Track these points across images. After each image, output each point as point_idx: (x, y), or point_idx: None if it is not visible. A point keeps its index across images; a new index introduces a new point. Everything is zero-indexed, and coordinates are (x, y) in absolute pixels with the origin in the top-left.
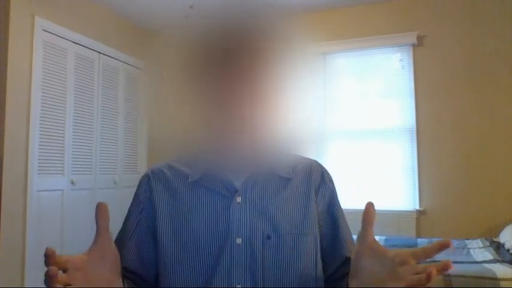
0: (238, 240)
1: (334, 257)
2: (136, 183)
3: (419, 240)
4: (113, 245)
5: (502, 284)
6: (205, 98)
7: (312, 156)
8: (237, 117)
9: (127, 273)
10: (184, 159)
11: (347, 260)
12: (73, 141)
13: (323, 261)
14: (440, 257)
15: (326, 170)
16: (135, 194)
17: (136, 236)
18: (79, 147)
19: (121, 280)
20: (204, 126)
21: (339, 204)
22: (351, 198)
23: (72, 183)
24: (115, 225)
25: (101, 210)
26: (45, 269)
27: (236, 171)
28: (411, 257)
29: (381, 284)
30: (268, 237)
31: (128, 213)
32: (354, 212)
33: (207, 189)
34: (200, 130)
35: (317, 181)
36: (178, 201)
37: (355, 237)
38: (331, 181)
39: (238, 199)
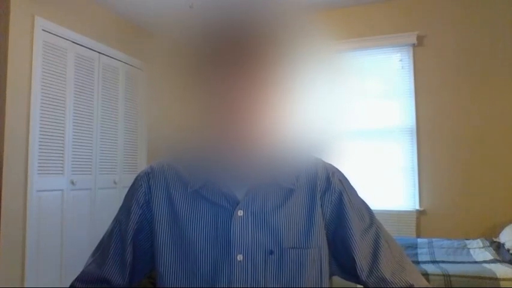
0: (239, 257)
1: (350, 268)
2: None
3: (419, 240)
4: None
5: (502, 284)
6: (206, 99)
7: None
8: (239, 120)
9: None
10: (184, 160)
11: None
12: (73, 141)
13: (341, 266)
14: (441, 257)
15: (334, 171)
16: (133, 192)
17: (133, 241)
18: (79, 147)
19: None
20: (204, 127)
21: (352, 204)
22: None
23: (72, 183)
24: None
25: None
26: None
27: (238, 180)
28: None
29: None
30: (271, 253)
31: (121, 210)
32: None
33: (207, 200)
34: (201, 131)
35: (322, 187)
36: (177, 211)
37: None
38: (342, 182)
39: (240, 213)
